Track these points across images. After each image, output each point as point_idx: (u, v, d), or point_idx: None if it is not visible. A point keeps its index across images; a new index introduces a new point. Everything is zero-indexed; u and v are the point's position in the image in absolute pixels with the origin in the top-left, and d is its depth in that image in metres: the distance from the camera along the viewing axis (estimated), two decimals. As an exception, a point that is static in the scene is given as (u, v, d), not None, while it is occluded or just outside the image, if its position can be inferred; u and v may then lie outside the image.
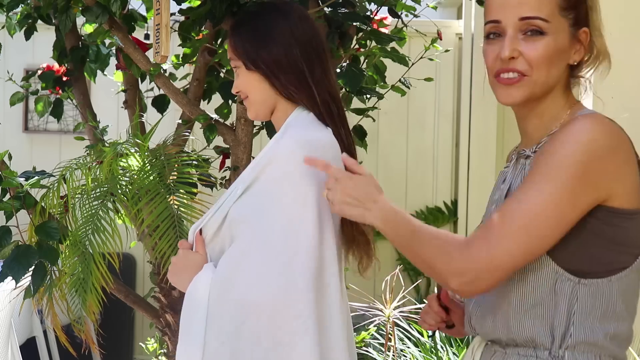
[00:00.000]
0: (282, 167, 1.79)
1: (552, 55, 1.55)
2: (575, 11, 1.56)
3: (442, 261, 1.52)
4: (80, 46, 3.26)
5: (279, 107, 1.93)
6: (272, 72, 1.88)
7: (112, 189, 2.63)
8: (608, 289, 1.53)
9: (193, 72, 3.13)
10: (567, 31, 1.56)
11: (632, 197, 1.52)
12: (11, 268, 2.52)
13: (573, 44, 1.58)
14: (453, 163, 5.62)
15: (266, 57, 1.88)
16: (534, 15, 1.54)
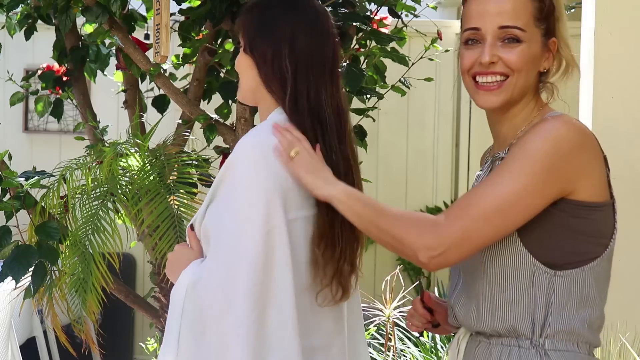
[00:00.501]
0: (237, 171, 1.76)
1: (527, 61, 1.67)
2: (547, 22, 1.68)
3: (413, 235, 1.60)
4: (80, 46, 3.26)
5: (263, 100, 1.86)
6: (260, 62, 1.83)
7: (112, 189, 2.63)
8: (582, 279, 1.63)
9: (193, 72, 3.13)
10: (539, 40, 1.68)
11: (597, 191, 1.63)
12: (11, 268, 2.52)
13: (544, 52, 1.69)
14: (453, 163, 5.62)
15: (259, 45, 1.83)
16: (512, 24, 1.66)
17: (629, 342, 3.21)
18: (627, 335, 3.22)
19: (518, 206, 1.58)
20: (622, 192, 3.19)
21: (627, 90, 3.17)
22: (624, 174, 3.17)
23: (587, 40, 3.23)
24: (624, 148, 3.20)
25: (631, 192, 3.22)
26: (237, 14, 2.73)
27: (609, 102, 3.16)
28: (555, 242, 1.62)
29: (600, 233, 1.65)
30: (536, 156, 1.59)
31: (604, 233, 1.66)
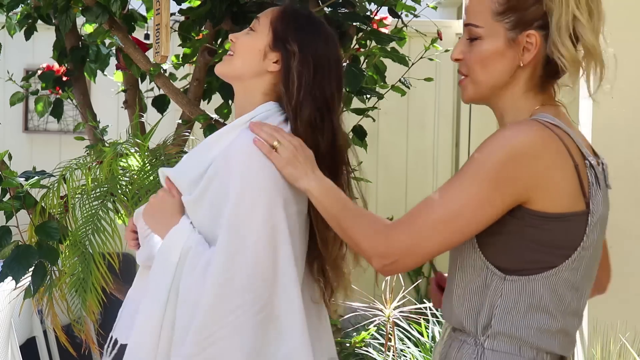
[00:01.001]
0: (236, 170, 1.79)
1: (485, 57, 1.65)
2: (515, 15, 1.63)
3: (367, 242, 1.66)
4: (80, 46, 3.26)
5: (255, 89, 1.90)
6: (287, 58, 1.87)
7: (112, 189, 2.63)
8: (533, 286, 1.62)
9: (193, 72, 3.13)
10: (503, 35, 1.64)
11: (557, 201, 1.59)
12: (11, 268, 2.52)
13: (512, 46, 1.64)
14: (453, 163, 5.62)
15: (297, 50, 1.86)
16: (469, 22, 1.67)
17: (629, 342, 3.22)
18: (627, 335, 3.23)
19: (466, 216, 1.59)
20: (622, 192, 3.20)
21: (627, 90, 3.17)
22: (624, 174, 3.18)
23: (587, 40, 3.22)
24: (624, 148, 3.20)
25: (631, 192, 3.22)
26: (237, 14, 2.74)
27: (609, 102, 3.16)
28: (508, 248, 1.62)
29: (560, 244, 1.60)
30: (486, 164, 1.58)
31: (564, 244, 1.61)
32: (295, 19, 1.91)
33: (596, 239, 1.64)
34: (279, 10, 1.92)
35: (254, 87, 1.91)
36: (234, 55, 1.91)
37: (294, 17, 1.91)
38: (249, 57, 1.89)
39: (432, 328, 4.00)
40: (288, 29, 1.89)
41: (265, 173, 1.78)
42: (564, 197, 1.59)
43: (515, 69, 1.65)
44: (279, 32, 1.88)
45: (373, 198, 5.53)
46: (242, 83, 1.92)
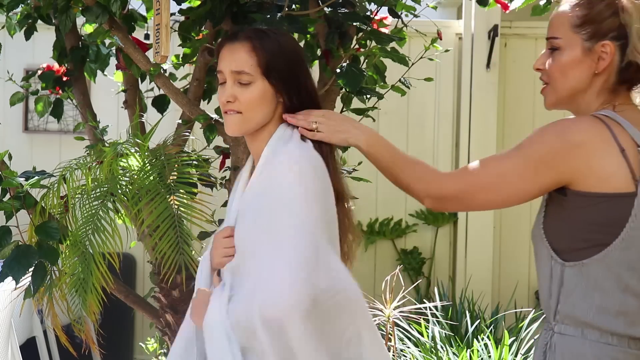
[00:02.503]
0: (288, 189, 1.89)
1: (565, 66, 1.85)
2: (592, 27, 1.82)
3: (419, 185, 1.93)
4: (80, 46, 3.26)
5: (264, 131, 2.04)
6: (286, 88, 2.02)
7: (112, 189, 2.63)
8: (589, 270, 1.76)
9: (193, 72, 3.13)
10: (580, 45, 1.84)
11: (604, 182, 1.75)
12: (11, 268, 2.52)
13: (589, 55, 1.83)
14: (453, 163, 5.62)
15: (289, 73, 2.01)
16: (552, 35, 1.87)
17: (629, 342, 3.21)
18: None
19: (507, 184, 1.82)
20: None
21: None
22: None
23: (587, 40, 3.22)
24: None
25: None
26: (237, 14, 2.74)
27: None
28: (565, 230, 1.79)
29: (608, 222, 1.75)
30: (535, 145, 1.80)
31: (613, 222, 1.74)
32: (269, 47, 2.00)
33: None
34: (256, 52, 1.99)
35: (270, 125, 2.04)
36: (244, 113, 2.00)
37: (267, 48, 2.00)
38: (262, 109, 2.01)
39: (432, 328, 4.00)
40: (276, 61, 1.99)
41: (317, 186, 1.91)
42: (610, 178, 1.75)
43: (592, 76, 1.85)
44: (274, 71, 1.99)
45: (373, 198, 5.53)
46: (260, 128, 2.04)
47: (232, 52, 2.00)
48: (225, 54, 2.01)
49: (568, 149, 1.76)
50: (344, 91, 2.90)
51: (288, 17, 2.53)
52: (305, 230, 1.84)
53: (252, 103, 1.98)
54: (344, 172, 2.99)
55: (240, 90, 1.99)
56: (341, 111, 3.03)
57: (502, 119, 5.39)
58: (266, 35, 2.02)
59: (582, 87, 1.86)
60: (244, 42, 1.99)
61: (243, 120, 2.00)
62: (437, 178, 1.92)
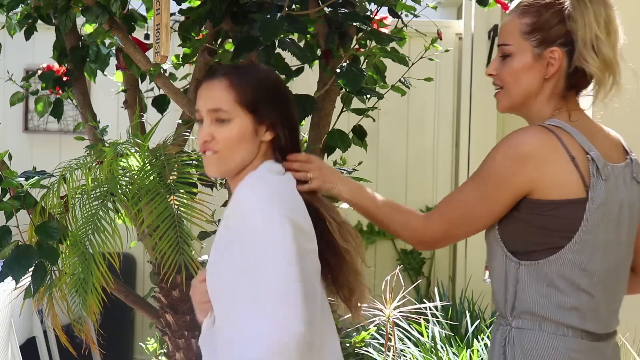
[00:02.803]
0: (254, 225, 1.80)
1: (516, 71, 1.93)
2: (541, 33, 1.91)
3: (406, 233, 2.02)
4: (80, 46, 3.26)
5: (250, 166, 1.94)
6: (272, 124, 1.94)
7: (112, 189, 2.63)
8: (544, 269, 1.87)
9: (193, 72, 3.13)
10: (530, 51, 1.92)
11: (557, 190, 1.84)
12: (11, 268, 2.52)
13: (539, 60, 1.92)
14: (453, 163, 5.62)
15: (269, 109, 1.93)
16: (502, 42, 1.96)
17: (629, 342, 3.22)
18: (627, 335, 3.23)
19: (479, 212, 1.90)
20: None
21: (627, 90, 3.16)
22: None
23: (587, 40, 3.22)
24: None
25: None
26: (237, 14, 2.74)
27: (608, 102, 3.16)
28: (520, 234, 1.88)
29: (561, 227, 1.85)
30: (488, 166, 1.89)
31: (566, 227, 1.85)
32: (247, 83, 1.92)
33: (597, 224, 1.85)
34: (234, 88, 1.91)
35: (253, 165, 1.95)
36: (221, 152, 1.91)
37: (244, 83, 1.92)
38: (241, 148, 1.91)
39: (432, 328, 4.00)
40: (255, 97, 1.91)
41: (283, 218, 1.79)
42: (561, 186, 1.84)
43: (542, 81, 1.93)
44: (254, 107, 1.91)
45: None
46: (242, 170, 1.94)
47: (209, 90, 1.92)
48: (202, 93, 1.94)
49: (519, 163, 1.85)
50: (344, 91, 2.90)
51: (288, 17, 2.53)
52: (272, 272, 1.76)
53: (230, 141, 1.89)
54: (344, 172, 3.00)
55: (217, 128, 1.90)
56: (341, 111, 3.04)
57: (502, 119, 5.39)
58: (244, 70, 1.96)
59: (534, 92, 1.94)
60: (221, 78, 1.92)
61: (221, 160, 1.91)
62: (419, 226, 2.00)
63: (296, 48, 2.67)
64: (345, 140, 2.94)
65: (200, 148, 1.94)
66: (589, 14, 1.90)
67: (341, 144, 2.93)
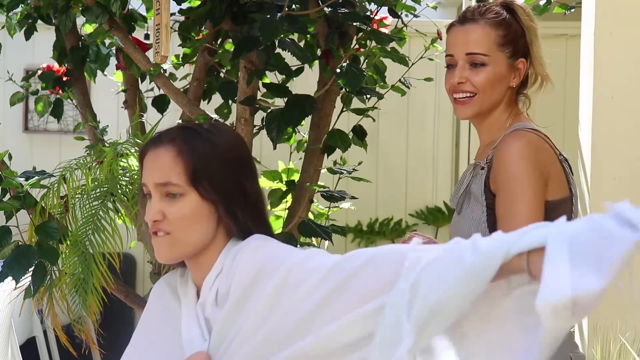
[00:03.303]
0: None
1: (493, 80, 2.01)
2: (512, 46, 2.02)
3: None
4: (80, 46, 3.26)
5: (210, 248, 1.66)
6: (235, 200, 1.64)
7: (112, 189, 2.63)
8: None
9: (193, 72, 3.13)
10: (505, 62, 2.02)
11: (557, 189, 1.96)
12: (11, 268, 2.52)
13: (511, 71, 2.03)
14: (453, 163, 5.62)
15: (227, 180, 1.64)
16: (476, 51, 2.02)
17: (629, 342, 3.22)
18: (627, 335, 3.22)
19: (538, 219, 1.88)
20: (622, 192, 3.20)
21: (627, 90, 3.17)
22: (624, 174, 3.17)
23: (587, 40, 3.22)
24: (624, 148, 3.20)
25: (631, 192, 3.22)
26: (237, 14, 2.74)
27: (609, 102, 3.16)
28: None
29: None
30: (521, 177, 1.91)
31: None
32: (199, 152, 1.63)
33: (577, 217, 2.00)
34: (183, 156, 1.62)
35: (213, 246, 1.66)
36: (174, 235, 1.62)
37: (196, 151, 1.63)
38: (197, 227, 1.63)
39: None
40: (206, 170, 1.62)
41: None
42: (559, 185, 1.96)
43: (507, 90, 2.05)
44: (202, 182, 1.62)
45: (373, 198, 5.52)
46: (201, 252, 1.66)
47: (155, 160, 1.63)
48: (148, 163, 1.65)
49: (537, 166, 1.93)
50: (344, 91, 2.90)
51: (288, 17, 2.53)
52: None
53: (184, 221, 1.61)
54: (344, 172, 3.00)
55: (168, 205, 1.61)
56: (341, 111, 3.04)
57: (502, 119, 5.39)
58: (195, 134, 1.65)
59: (500, 100, 2.05)
60: (167, 146, 1.63)
61: (174, 243, 1.62)
62: None
63: (296, 48, 2.67)
64: (345, 140, 2.93)
65: (150, 228, 1.63)
66: (533, 24, 2.05)
67: (341, 144, 2.93)
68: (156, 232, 1.63)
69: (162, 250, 1.63)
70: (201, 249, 1.65)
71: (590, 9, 3.21)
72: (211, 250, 1.65)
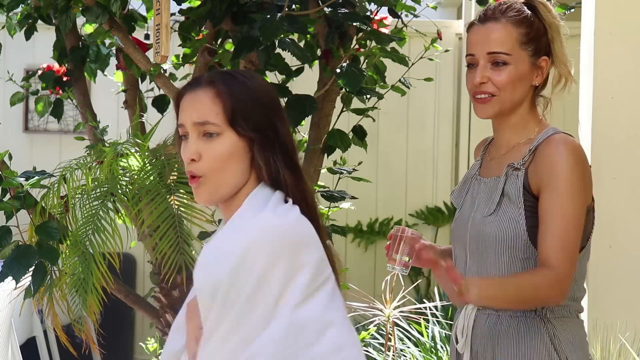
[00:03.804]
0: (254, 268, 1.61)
1: (515, 79, 1.98)
2: (534, 44, 1.99)
3: (543, 293, 1.91)
4: (80, 46, 3.26)
5: (244, 189, 1.70)
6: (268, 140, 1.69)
7: (112, 189, 2.63)
8: (579, 262, 1.97)
9: (193, 72, 3.13)
10: (527, 60, 1.99)
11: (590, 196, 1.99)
12: (11, 268, 2.52)
13: (534, 69, 2.00)
14: (453, 163, 5.62)
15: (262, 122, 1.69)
16: (498, 50, 1.98)
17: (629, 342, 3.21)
18: (627, 335, 3.22)
19: (582, 222, 1.94)
20: (622, 192, 3.20)
21: (627, 90, 3.17)
22: (624, 174, 3.17)
23: (587, 40, 3.23)
24: (624, 148, 3.20)
25: (631, 192, 3.22)
26: (237, 14, 2.74)
27: (609, 102, 3.16)
28: None
29: (587, 229, 1.99)
30: (574, 181, 1.91)
31: (589, 229, 2.00)
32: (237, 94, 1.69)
33: None
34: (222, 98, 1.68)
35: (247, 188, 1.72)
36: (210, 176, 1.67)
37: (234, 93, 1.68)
38: (234, 167, 1.68)
39: (432, 328, 4.00)
40: (244, 111, 1.67)
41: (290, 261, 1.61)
42: (591, 192, 1.99)
43: (529, 89, 2.02)
44: (240, 122, 1.67)
45: (373, 198, 5.53)
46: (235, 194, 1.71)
47: (194, 101, 1.68)
48: (186, 104, 1.70)
49: (586, 171, 1.96)
50: (344, 91, 2.90)
51: (288, 17, 2.53)
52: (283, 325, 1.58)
53: (220, 160, 1.66)
54: (344, 172, 3.00)
55: (204, 144, 1.66)
56: (341, 111, 3.04)
57: (502, 119, 5.39)
58: (232, 77, 1.71)
59: (522, 100, 2.02)
60: (206, 88, 1.68)
61: (211, 185, 1.68)
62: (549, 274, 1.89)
63: (296, 48, 2.67)
64: (345, 140, 2.93)
65: (187, 169, 1.69)
66: (555, 21, 2.01)
67: (341, 144, 2.93)
68: (193, 177, 1.68)
69: (201, 193, 1.69)
70: (234, 192, 1.69)
71: (590, 9, 3.21)
72: (242, 194, 1.69)
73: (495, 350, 1.97)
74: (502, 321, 1.97)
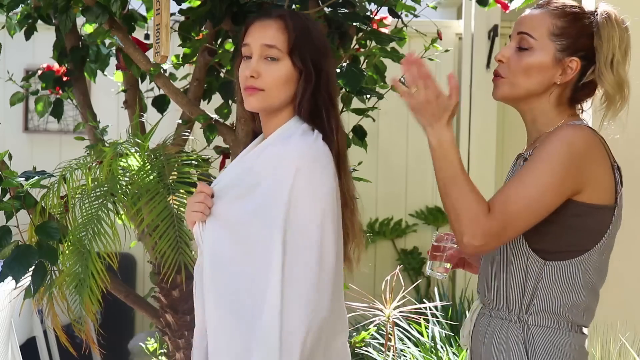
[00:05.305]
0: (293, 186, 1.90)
1: (531, 67, 1.93)
2: (567, 40, 1.93)
3: (467, 220, 1.82)
4: (80, 46, 3.26)
5: (281, 113, 2.01)
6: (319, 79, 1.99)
7: (112, 189, 2.63)
8: (569, 269, 1.91)
9: (193, 72, 3.13)
10: (552, 53, 1.93)
11: (601, 194, 1.90)
12: (11, 268, 2.52)
13: (557, 65, 1.93)
14: (453, 163, 5.61)
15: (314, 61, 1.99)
16: (526, 31, 1.94)
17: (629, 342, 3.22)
18: (627, 335, 3.23)
19: (543, 202, 1.83)
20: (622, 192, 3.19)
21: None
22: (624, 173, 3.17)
23: (587, 40, 3.22)
24: (624, 148, 3.19)
25: (631, 192, 3.22)
26: (237, 14, 2.74)
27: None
28: (550, 234, 1.90)
29: (593, 230, 1.91)
30: (554, 157, 1.83)
31: (597, 230, 1.91)
32: (300, 31, 1.98)
33: (616, 228, 1.95)
34: (288, 31, 1.97)
35: (286, 109, 2.01)
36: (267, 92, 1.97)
37: (298, 30, 1.98)
38: (286, 90, 1.98)
39: (432, 328, 4.00)
40: (302, 46, 1.98)
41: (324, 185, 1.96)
42: (605, 191, 1.91)
43: (550, 84, 1.95)
44: (298, 54, 1.97)
45: (373, 198, 5.52)
46: (278, 110, 2.01)
47: (264, 28, 1.98)
48: (256, 29, 1.99)
49: (583, 158, 1.86)
50: (344, 91, 2.90)
51: (288, 17, 2.53)
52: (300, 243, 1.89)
53: (277, 81, 1.96)
54: (344, 172, 3.00)
55: (265, 66, 1.96)
56: (341, 111, 3.04)
57: (502, 119, 5.39)
58: (298, 17, 2.02)
59: (538, 92, 1.95)
60: (276, 19, 1.98)
61: (266, 97, 1.97)
62: (482, 215, 1.82)
63: (296, 48, 2.67)
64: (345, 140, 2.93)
65: (244, 84, 1.97)
66: (615, 35, 1.94)
67: (341, 144, 2.92)
68: (248, 88, 1.97)
69: (253, 100, 1.97)
70: (279, 108, 2.00)
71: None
72: (282, 114, 2.01)
73: (484, 351, 2.00)
74: (490, 322, 1.99)
